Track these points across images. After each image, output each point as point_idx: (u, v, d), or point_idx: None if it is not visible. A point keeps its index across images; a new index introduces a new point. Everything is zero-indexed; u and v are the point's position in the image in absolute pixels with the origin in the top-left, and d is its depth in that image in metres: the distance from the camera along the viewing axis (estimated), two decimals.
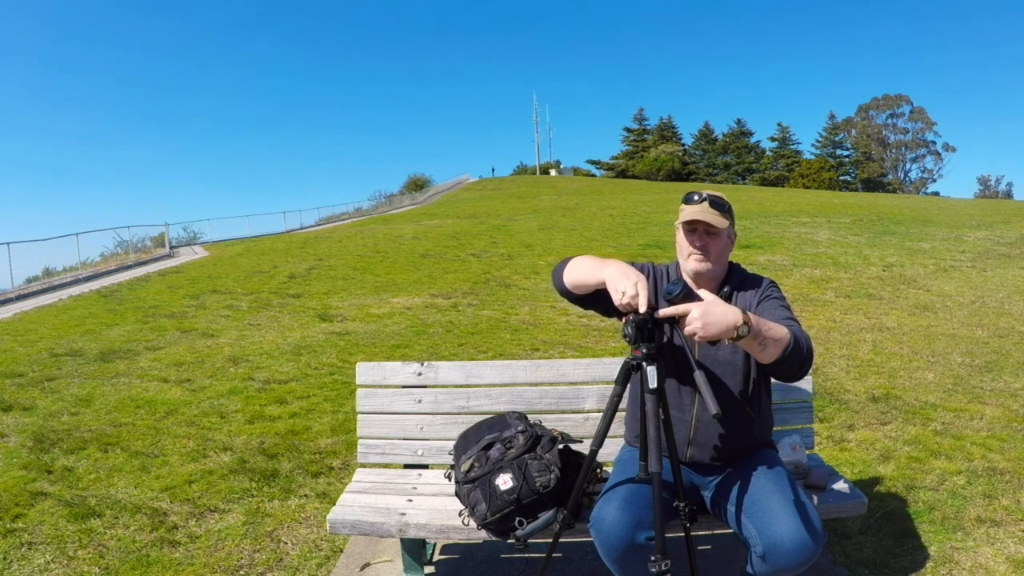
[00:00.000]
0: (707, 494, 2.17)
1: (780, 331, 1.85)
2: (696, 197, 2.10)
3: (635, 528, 1.87)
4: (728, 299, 2.10)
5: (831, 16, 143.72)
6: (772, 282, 2.20)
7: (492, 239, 16.89)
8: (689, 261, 2.11)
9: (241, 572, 2.72)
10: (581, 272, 2.07)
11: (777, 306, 2.07)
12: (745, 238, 14.92)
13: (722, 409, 1.92)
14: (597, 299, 2.09)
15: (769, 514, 1.90)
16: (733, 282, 2.17)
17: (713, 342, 1.78)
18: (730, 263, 2.22)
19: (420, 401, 2.75)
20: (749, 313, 1.77)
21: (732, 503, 2.02)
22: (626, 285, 1.82)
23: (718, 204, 2.08)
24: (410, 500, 2.48)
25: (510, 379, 2.76)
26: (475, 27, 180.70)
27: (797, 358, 1.86)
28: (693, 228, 2.09)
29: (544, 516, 2.15)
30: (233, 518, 3.17)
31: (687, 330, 1.73)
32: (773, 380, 2.40)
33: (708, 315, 1.71)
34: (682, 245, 2.14)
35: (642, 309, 1.79)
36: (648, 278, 2.18)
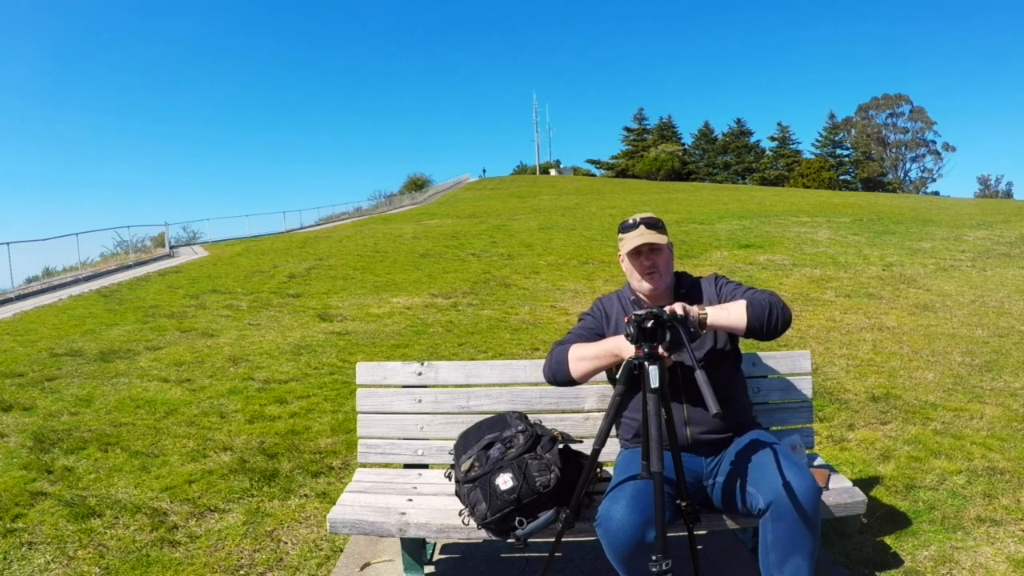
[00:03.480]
0: (712, 482, 2.20)
1: (735, 306, 2.15)
2: (631, 222, 2.32)
3: (644, 526, 1.88)
4: (686, 302, 2.29)
5: (831, 15, 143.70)
6: (715, 274, 2.44)
7: (492, 239, 16.88)
8: (643, 283, 2.31)
9: (241, 572, 2.72)
10: (584, 362, 2.23)
11: (734, 287, 2.32)
12: (745, 238, 14.92)
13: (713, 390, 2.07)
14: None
15: (763, 469, 2.02)
16: (684, 287, 2.39)
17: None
18: (677, 273, 2.43)
19: (420, 401, 2.75)
20: (704, 307, 2.11)
21: (739, 484, 2.09)
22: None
23: (653, 224, 2.30)
24: (410, 500, 2.48)
25: (510, 379, 2.76)
26: (475, 27, 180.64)
27: (762, 311, 2.12)
28: (638, 252, 2.29)
29: (544, 516, 2.15)
30: (233, 518, 3.17)
31: (693, 310, 2.04)
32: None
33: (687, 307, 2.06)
34: (631, 270, 2.34)
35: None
36: (605, 316, 2.40)
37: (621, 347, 2.11)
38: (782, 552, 1.93)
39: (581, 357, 2.22)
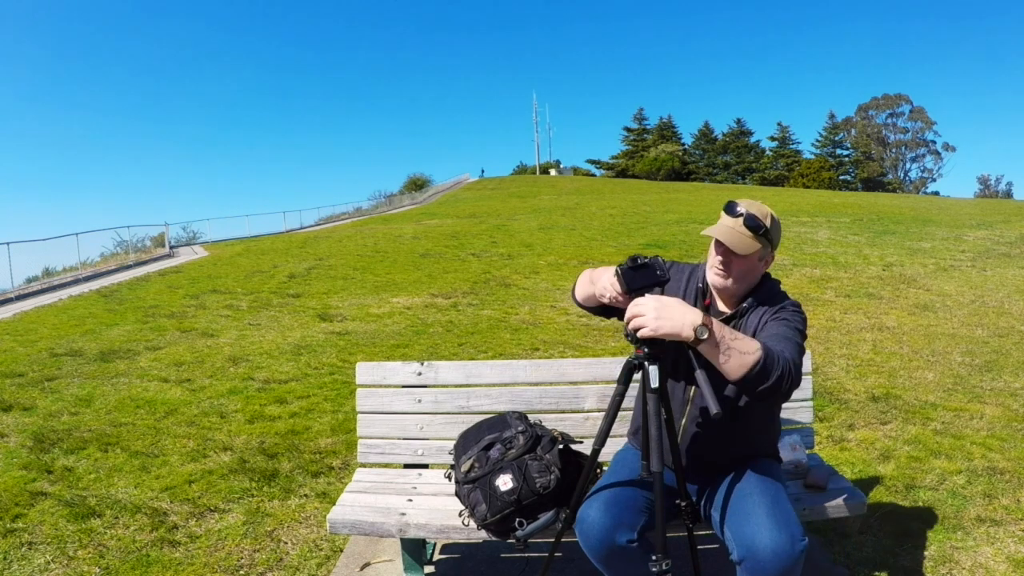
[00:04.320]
0: (700, 504, 2.14)
1: (750, 345, 1.70)
2: (737, 210, 1.98)
3: (615, 530, 1.87)
4: (745, 313, 2.02)
5: (831, 15, 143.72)
6: (796, 305, 2.03)
7: (492, 239, 16.88)
8: (710, 273, 2.04)
9: (241, 572, 2.72)
10: (583, 285, 2.10)
11: (781, 324, 1.92)
12: None
13: (710, 423, 1.97)
14: (609, 307, 2.07)
15: (743, 516, 1.86)
16: (758, 297, 2.03)
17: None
18: (766, 276, 2.09)
19: (420, 401, 2.75)
20: (712, 319, 1.70)
21: (716, 509, 1.99)
22: (604, 286, 1.89)
23: (753, 225, 1.94)
24: (410, 500, 2.48)
25: (510, 379, 2.76)
26: (475, 26, 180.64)
27: (763, 379, 1.69)
28: (720, 242, 1.99)
29: (544, 517, 2.15)
30: (233, 518, 3.17)
31: (635, 322, 1.70)
32: None
33: (663, 309, 1.68)
34: (709, 254, 2.05)
35: (614, 291, 1.85)
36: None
37: (604, 278, 1.90)
38: None
39: (582, 283, 2.09)
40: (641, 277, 1.78)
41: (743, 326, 1.99)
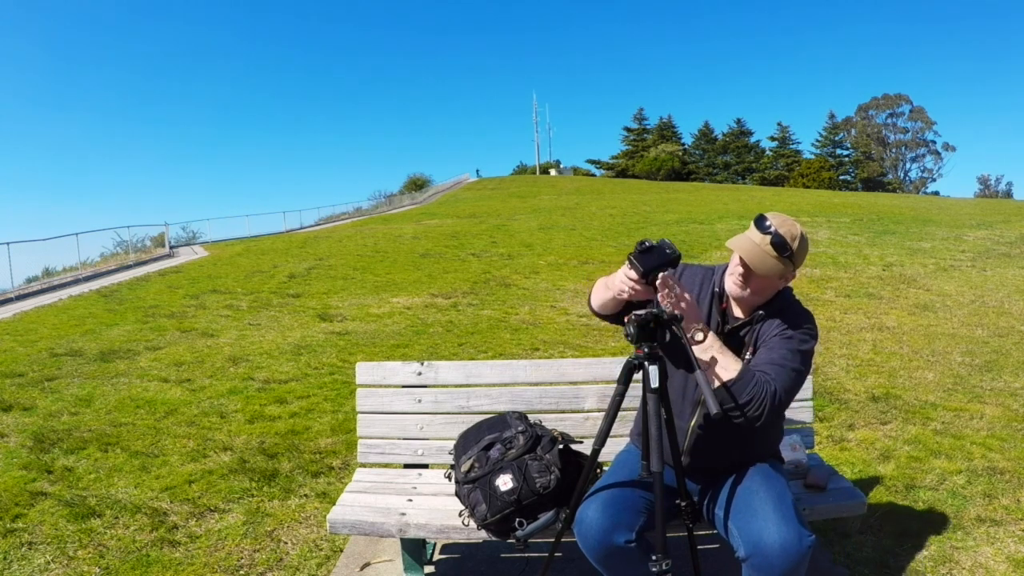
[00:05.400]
0: (703, 504, 2.14)
1: (732, 364, 1.87)
2: (766, 225, 1.93)
3: (612, 530, 1.87)
4: (759, 320, 2.01)
5: (831, 16, 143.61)
6: (809, 319, 2.03)
7: (492, 239, 16.88)
8: (728, 280, 2.02)
9: (241, 572, 2.72)
10: (598, 292, 2.09)
11: (783, 346, 1.93)
12: None
13: (718, 425, 1.95)
14: (624, 313, 2.07)
15: (749, 513, 1.88)
16: (772, 307, 2.01)
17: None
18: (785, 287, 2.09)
19: (420, 401, 2.75)
20: (711, 331, 1.92)
21: (720, 507, 1.99)
22: (620, 281, 1.90)
23: (780, 245, 1.90)
24: (410, 500, 2.48)
25: (510, 379, 2.76)
26: (475, 27, 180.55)
27: (736, 396, 1.82)
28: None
29: (544, 517, 2.15)
30: (233, 518, 3.17)
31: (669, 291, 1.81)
32: None
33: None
34: (731, 261, 2.03)
35: (630, 280, 1.87)
36: (679, 276, 2.08)
37: (617, 277, 1.92)
38: None
39: (598, 290, 2.08)
40: (652, 258, 1.82)
41: (755, 334, 2.01)
